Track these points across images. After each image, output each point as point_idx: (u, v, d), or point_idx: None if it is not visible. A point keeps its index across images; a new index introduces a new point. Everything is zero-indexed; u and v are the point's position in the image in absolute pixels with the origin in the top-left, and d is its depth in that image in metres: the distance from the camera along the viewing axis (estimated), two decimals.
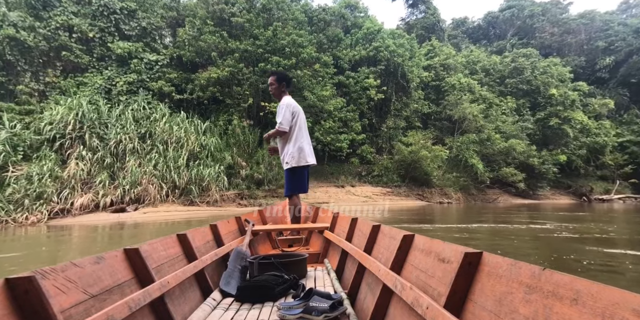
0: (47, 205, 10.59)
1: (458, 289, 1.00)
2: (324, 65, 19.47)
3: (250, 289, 1.95)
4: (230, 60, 16.11)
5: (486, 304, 0.90)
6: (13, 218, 10.10)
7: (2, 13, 13.85)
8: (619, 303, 0.57)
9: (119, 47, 15.19)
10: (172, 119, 14.24)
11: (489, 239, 6.54)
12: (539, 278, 0.76)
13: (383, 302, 1.49)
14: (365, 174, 21.36)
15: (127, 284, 1.35)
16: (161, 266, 1.62)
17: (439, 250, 1.20)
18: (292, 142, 3.39)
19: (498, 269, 0.90)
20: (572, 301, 0.65)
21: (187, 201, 12.91)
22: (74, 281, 1.10)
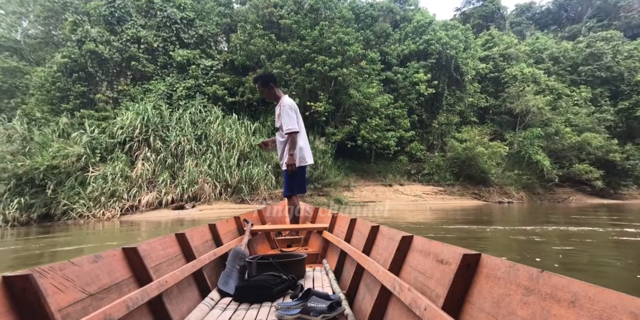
0: (119, 203, 12.05)
1: (456, 291, 1.00)
2: (371, 62, 19.29)
3: (248, 289, 1.96)
4: (278, 62, 16.69)
5: (484, 305, 0.90)
6: (93, 214, 11.67)
7: (86, 30, 15.82)
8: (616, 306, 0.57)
9: (179, 55, 16.54)
10: (225, 121, 15.22)
11: (557, 243, 5.77)
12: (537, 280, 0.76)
13: (381, 303, 1.49)
14: (414, 172, 20.85)
15: (125, 283, 1.35)
16: (159, 265, 1.63)
17: (438, 252, 1.20)
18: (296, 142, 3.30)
19: (496, 271, 0.90)
20: (570, 303, 0.65)
21: (238, 199, 13.77)
22: (72, 280, 1.11)
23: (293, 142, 3.25)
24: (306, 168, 3.45)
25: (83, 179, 12.28)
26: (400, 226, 7.65)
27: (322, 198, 15.75)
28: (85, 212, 11.62)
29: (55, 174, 12.08)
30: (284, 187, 3.48)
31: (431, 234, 6.41)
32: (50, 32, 18.80)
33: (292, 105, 3.29)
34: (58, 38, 17.71)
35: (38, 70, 16.08)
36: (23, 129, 13.12)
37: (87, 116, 14.03)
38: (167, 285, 1.50)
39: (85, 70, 15.49)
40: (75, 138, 12.94)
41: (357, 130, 17.88)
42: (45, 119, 14.28)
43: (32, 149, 12.55)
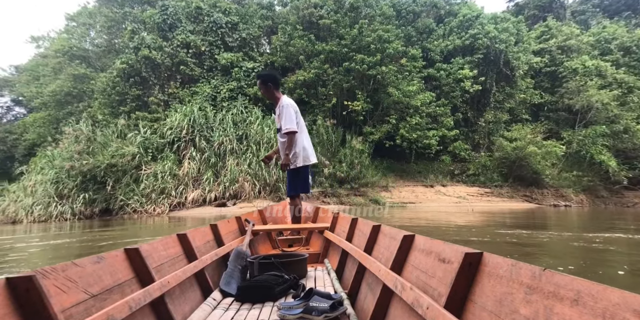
0: (168, 199, 13.05)
1: (458, 289, 1.00)
2: (412, 59, 18.81)
3: (250, 289, 1.97)
4: (316, 62, 16.88)
5: (487, 304, 0.90)
6: (145, 209, 12.76)
7: (141, 37, 17.18)
8: (619, 304, 0.57)
9: (223, 58, 17.37)
10: (264, 121, 15.76)
11: (625, 253, 5.14)
12: (539, 278, 0.76)
13: (383, 302, 1.49)
14: (458, 172, 20.05)
15: (127, 283, 1.37)
16: (161, 266, 1.64)
17: (439, 251, 1.20)
18: (297, 142, 3.31)
19: (499, 270, 0.91)
20: (573, 302, 0.65)
21: (276, 198, 14.24)
22: (75, 281, 1.12)
23: (290, 142, 3.26)
24: (309, 168, 3.42)
25: (137, 176, 13.46)
26: (442, 230, 7.38)
27: (359, 198, 15.77)
28: (139, 208, 12.74)
29: (114, 172, 13.39)
30: (287, 187, 3.48)
31: (475, 238, 6.07)
32: (112, 40, 20.65)
33: (291, 104, 3.27)
34: (119, 46, 19.44)
35: (101, 76, 17.78)
36: (88, 130, 14.66)
37: (141, 118, 15.31)
38: (169, 285, 1.51)
39: (140, 75, 16.85)
40: (130, 138, 14.21)
41: (396, 130, 17.58)
42: (106, 120, 15.81)
43: (95, 149, 14.00)
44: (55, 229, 10.75)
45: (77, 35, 22.38)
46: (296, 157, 3.32)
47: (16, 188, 14.99)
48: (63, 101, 19.39)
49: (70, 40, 21.60)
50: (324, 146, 16.38)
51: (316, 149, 16.11)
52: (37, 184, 14.07)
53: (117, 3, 21.76)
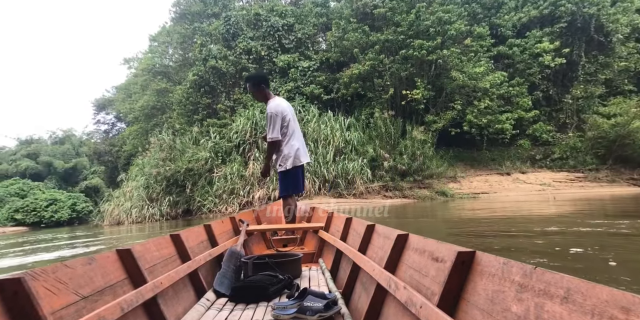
0: (237, 199, 14.15)
1: (451, 288, 1.01)
2: (478, 38, 17.26)
3: (244, 289, 1.96)
4: (371, 54, 16.51)
5: (479, 302, 0.91)
6: (219, 209, 14.04)
7: (209, 49, 18.71)
8: (608, 301, 0.58)
9: (280, 60, 18.02)
10: (321, 119, 16.02)
11: None
12: (530, 277, 0.77)
13: (377, 302, 1.50)
14: (540, 157, 18.00)
15: (119, 284, 1.36)
16: (154, 267, 1.63)
17: (433, 250, 1.20)
18: (285, 144, 3.29)
19: (490, 268, 0.91)
20: (563, 299, 0.66)
21: (336, 194, 14.47)
22: (65, 282, 1.10)
23: (270, 151, 3.31)
24: (301, 168, 3.39)
25: (210, 179, 14.85)
26: (521, 222, 6.69)
27: (423, 191, 15.18)
28: (213, 208, 14.08)
29: (191, 175, 14.96)
30: (279, 187, 3.48)
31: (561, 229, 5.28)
32: (186, 54, 22.82)
33: (275, 111, 3.18)
34: (191, 59, 21.39)
35: (177, 89, 19.83)
36: (169, 139, 16.56)
37: (211, 124, 16.75)
38: (162, 286, 1.51)
39: (209, 84, 18.37)
40: (203, 144, 15.65)
41: (462, 116, 16.42)
42: (183, 129, 17.65)
43: (175, 156, 15.78)
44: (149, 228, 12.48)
45: (158, 53, 25.22)
46: (286, 160, 3.30)
47: (118, 193, 17.69)
48: (150, 114, 22.16)
49: (153, 58, 24.46)
50: (383, 139, 16.06)
51: (374, 142, 15.89)
52: (133, 190, 16.42)
53: (188, 20, 23.91)
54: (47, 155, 41.47)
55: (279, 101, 3.32)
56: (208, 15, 23.65)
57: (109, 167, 26.56)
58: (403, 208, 12.08)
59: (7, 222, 31.06)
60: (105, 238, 10.24)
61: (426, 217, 8.66)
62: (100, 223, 18.61)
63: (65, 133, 46.95)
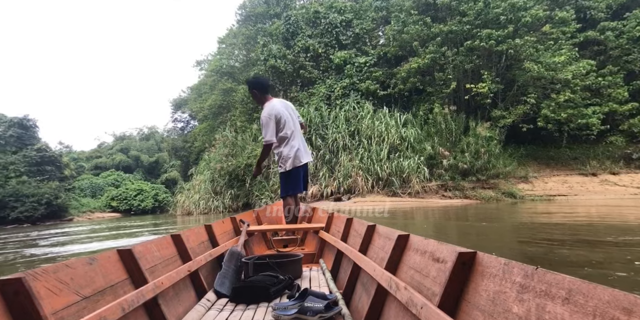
0: None
1: (452, 289, 1.00)
2: (559, 24, 15.35)
3: (245, 290, 1.95)
4: (432, 46, 15.64)
5: (480, 303, 0.91)
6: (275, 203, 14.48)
7: (269, 49, 19.35)
8: (609, 302, 0.57)
9: (337, 57, 17.96)
10: (376, 115, 15.63)
11: None
12: (532, 277, 0.76)
13: (378, 302, 1.49)
14: (638, 156, 15.45)
15: (120, 285, 1.36)
16: (155, 267, 1.64)
17: (434, 250, 1.20)
18: (285, 145, 3.30)
19: (492, 269, 0.91)
20: (564, 300, 0.66)
21: (390, 192, 14.03)
22: (66, 282, 1.11)
23: (263, 154, 3.36)
24: (301, 168, 3.39)
25: (267, 174, 15.42)
26: (610, 230, 5.73)
27: (487, 191, 14.02)
28: (269, 202, 14.60)
29: (251, 171, 15.65)
30: (280, 188, 3.53)
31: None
32: (249, 55, 23.90)
33: (269, 114, 3.22)
34: (253, 59, 22.34)
35: (240, 88, 20.86)
36: (232, 136, 17.53)
37: None
38: (163, 286, 1.51)
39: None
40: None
41: (536, 110, 14.80)
42: (245, 126, 18.54)
43: (237, 152, 16.66)
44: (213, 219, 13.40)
45: (225, 55, 26.78)
46: (285, 161, 3.31)
47: (189, 186, 19.25)
48: (217, 113, 23.67)
49: (221, 60, 26.06)
50: (442, 136, 15.15)
51: (432, 139, 15.06)
52: (201, 183, 17.75)
53: (252, 21, 24.97)
54: (135, 150, 46.87)
55: (274, 104, 3.32)
56: (271, 15, 24.44)
57: (184, 161, 29.03)
58: (463, 210, 11.28)
59: (106, 208, 36.13)
60: (179, 227, 11.33)
61: (490, 221, 7.93)
62: (174, 213, 20.49)
63: (150, 130, 52.32)
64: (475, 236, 5.47)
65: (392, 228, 1.64)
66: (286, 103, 3.50)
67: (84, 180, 38.93)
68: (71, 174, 35.98)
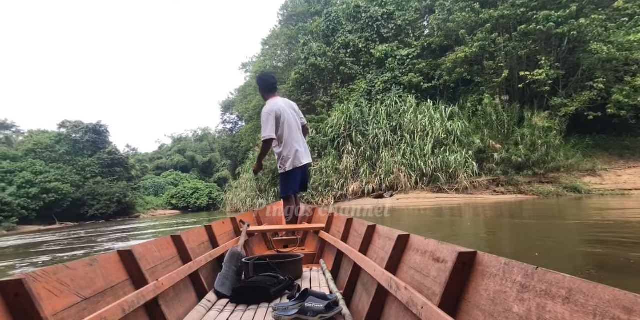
0: (332, 192, 14.38)
1: (452, 289, 1.00)
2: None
3: (245, 290, 1.95)
4: (481, 34, 14.60)
5: (480, 303, 0.91)
6: (316, 201, 14.55)
7: (309, 47, 19.39)
8: (610, 301, 0.57)
9: (378, 51, 17.47)
10: (419, 109, 14.95)
11: None
12: (532, 277, 0.76)
13: (378, 302, 1.48)
14: None
15: (120, 286, 1.36)
16: (155, 268, 1.64)
17: (434, 250, 1.19)
18: (284, 145, 3.28)
19: (492, 269, 0.91)
20: (565, 300, 0.66)
21: (435, 188, 13.34)
22: (67, 284, 1.11)
23: (263, 150, 3.35)
24: (301, 169, 3.34)
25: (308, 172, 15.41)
26: None
27: (546, 186, 12.77)
28: (311, 200, 14.65)
29: None
30: (280, 188, 3.53)
31: None
32: (290, 54, 24.18)
33: (269, 110, 3.22)
34: (294, 59, 22.55)
35: (281, 88, 21.15)
36: None
37: (309, 120, 17.35)
38: (163, 287, 1.51)
39: (309, 82, 19.05)
40: None
41: (605, 95, 13.21)
42: None
43: None
44: None
45: (268, 56, 27.39)
46: (284, 162, 3.31)
47: (237, 184, 19.95)
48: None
49: (264, 61, 26.68)
50: (493, 128, 14.08)
51: (482, 132, 14.07)
52: (247, 181, 18.31)
53: (294, 21, 25.21)
54: (191, 151, 49.99)
55: (276, 101, 3.33)
56: (311, 13, 24.49)
57: (233, 160, 30.26)
58: (518, 206, 10.36)
59: (167, 206, 39.13)
60: None
61: (551, 218, 7.11)
62: (224, 210, 21.42)
63: (204, 131, 55.38)
64: (534, 235, 4.83)
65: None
66: (290, 103, 3.49)
67: (147, 180, 42.44)
68: (137, 175, 39.34)
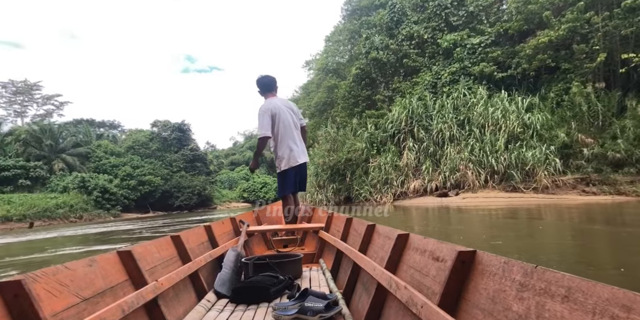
0: (391, 189, 13.82)
1: (452, 288, 1.00)
2: None
3: (245, 290, 1.94)
4: (571, 14, 12.75)
5: (480, 302, 0.90)
6: (374, 198, 14.14)
7: (371, 41, 18.86)
8: (609, 299, 0.57)
9: (445, 41, 16.31)
10: (490, 101, 13.58)
11: None
12: (531, 275, 0.76)
13: (378, 302, 1.48)
14: None
15: (120, 286, 1.36)
16: (155, 268, 1.65)
17: (433, 249, 1.19)
18: (280, 145, 3.31)
19: (491, 267, 0.91)
20: (564, 298, 0.66)
21: (508, 187, 12.02)
22: (66, 284, 1.10)
23: (259, 148, 3.39)
24: (297, 168, 3.33)
25: (366, 168, 15.08)
26: None
27: None
28: (369, 197, 14.28)
29: (350, 165, 15.61)
30: (278, 188, 3.51)
31: None
32: (352, 50, 23.82)
33: (265, 109, 3.28)
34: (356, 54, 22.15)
35: (341, 84, 20.98)
36: (333, 131, 17.79)
37: (369, 115, 16.93)
38: (163, 288, 1.50)
39: (370, 77, 18.56)
40: (359, 135, 16.04)
41: None
42: (345, 121, 18.55)
43: (337, 147, 16.81)
44: None
45: (330, 52, 27.36)
46: (280, 161, 3.33)
47: None
48: (322, 110, 24.32)
49: (327, 58, 26.72)
50: (583, 120, 12.22)
51: (568, 124, 12.32)
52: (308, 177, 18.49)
53: (357, 15, 24.79)
54: None
55: (273, 100, 3.38)
56: (376, 6, 23.86)
57: None
58: (617, 209, 8.74)
59: (239, 198, 42.21)
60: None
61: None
62: None
63: None
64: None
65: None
66: (289, 103, 3.51)
67: (223, 174, 46.16)
68: (214, 169, 42.85)
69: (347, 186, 15.87)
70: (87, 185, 26.71)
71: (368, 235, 1.92)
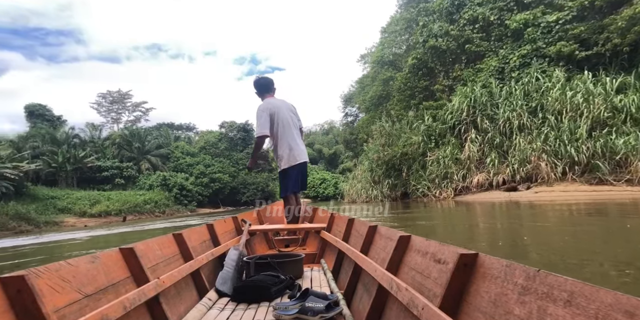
0: (452, 184, 12.87)
1: (453, 290, 1.00)
2: None
3: (246, 289, 1.95)
4: None
5: (481, 305, 0.90)
6: (433, 194, 13.32)
7: (429, 29, 17.78)
8: (612, 305, 0.57)
9: (514, 21, 14.72)
10: (569, 84, 11.90)
11: None
12: (533, 279, 0.76)
13: (379, 303, 1.49)
14: None
15: (122, 283, 1.37)
16: (157, 266, 1.66)
17: (435, 251, 1.19)
18: (280, 144, 3.33)
19: (493, 270, 0.90)
20: (566, 302, 0.65)
21: (593, 179, 10.47)
22: (68, 280, 1.11)
23: (256, 147, 3.50)
24: (297, 167, 3.35)
25: (423, 163, 14.25)
26: None
27: None
28: (427, 192, 13.49)
29: (406, 160, 14.87)
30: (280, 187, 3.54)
31: None
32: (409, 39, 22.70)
33: (263, 108, 3.30)
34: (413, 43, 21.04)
35: (397, 76, 20.07)
36: (387, 126, 17.13)
37: (426, 107, 15.94)
38: (165, 285, 1.51)
39: (427, 66, 17.49)
40: (415, 128, 15.20)
41: None
42: (400, 114, 17.71)
43: (392, 141, 16.13)
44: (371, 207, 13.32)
45: (387, 44, 26.38)
46: (280, 161, 3.34)
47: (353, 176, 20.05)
48: (377, 103, 23.58)
49: (383, 50, 25.84)
50: None
51: None
52: (362, 173, 18.17)
53: (415, 2, 23.58)
54: (318, 143, 53.84)
55: (272, 100, 3.40)
56: None
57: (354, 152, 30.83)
58: None
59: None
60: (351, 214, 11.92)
61: None
62: (342, 200, 21.90)
63: (329, 125, 59.00)
64: None
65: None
66: (288, 104, 3.51)
67: None
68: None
69: (404, 181, 15.18)
70: (168, 183, 29.91)
71: (370, 236, 1.92)
